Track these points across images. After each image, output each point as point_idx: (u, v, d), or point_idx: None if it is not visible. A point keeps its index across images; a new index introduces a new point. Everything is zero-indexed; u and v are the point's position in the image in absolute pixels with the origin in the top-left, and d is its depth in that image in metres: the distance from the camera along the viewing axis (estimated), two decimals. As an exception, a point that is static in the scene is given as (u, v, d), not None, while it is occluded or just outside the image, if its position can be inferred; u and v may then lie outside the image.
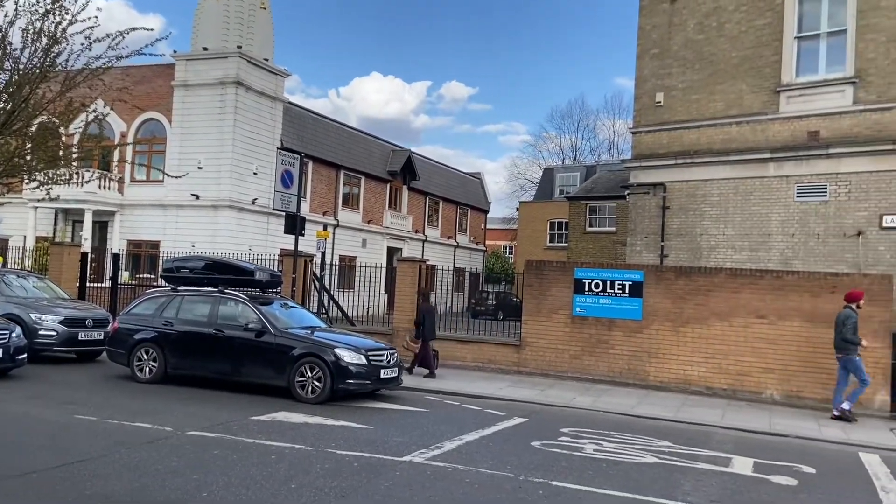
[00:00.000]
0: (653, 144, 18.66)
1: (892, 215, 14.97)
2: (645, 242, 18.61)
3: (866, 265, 15.01)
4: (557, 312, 14.80)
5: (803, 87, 16.40)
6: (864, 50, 15.56)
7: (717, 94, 17.61)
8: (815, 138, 16.11)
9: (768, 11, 16.88)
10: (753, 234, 16.84)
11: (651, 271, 14.34)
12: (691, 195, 17.85)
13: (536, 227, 42.11)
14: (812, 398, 12.47)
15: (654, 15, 18.72)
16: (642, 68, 18.90)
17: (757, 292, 13.13)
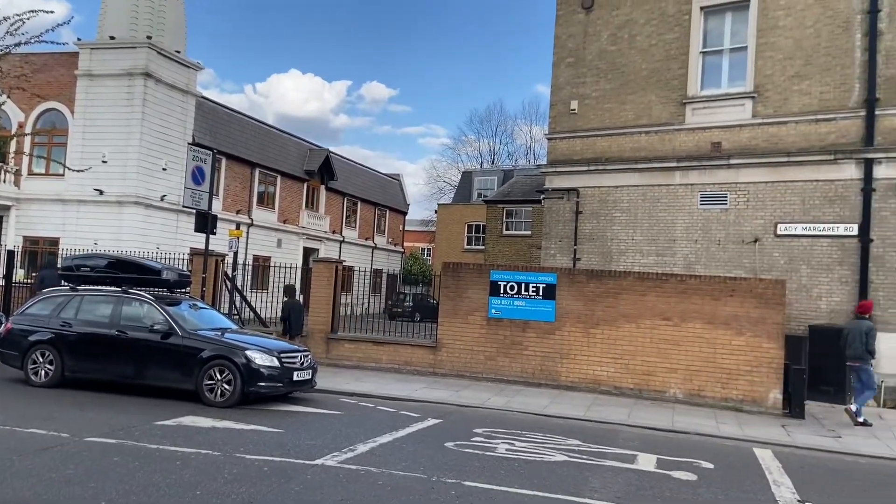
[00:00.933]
0: (567, 151, 19.15)
1: (785, 223, 15.93)
2: (559, 246, 19.08)
3: (762, 270, 15.91)
4: (473, 314, 14.94)
5: (707, 99, 17.24)
6: (762, 67, 16.51)
7: (628, 103, 18.26)
8: (718, 149, 16.96)
9: (676, 27, 17.66)
10: (660, 240, 17.55)
11: (564, 274, 14.70)
12: (603, 201, 18.42)
13: (454, 229, 42.43)
14: (712, 396, 13.11)
15: (569, 25, 19.23)
16: (558, 76, 19.37)
17: (662, 295, 13.68)
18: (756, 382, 12.83)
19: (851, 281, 15.00)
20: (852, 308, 14.89)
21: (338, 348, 15.97)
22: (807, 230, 15.65)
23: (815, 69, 15.87)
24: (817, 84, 15.83)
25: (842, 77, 15.55)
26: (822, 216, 15.52)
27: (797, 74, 16.07)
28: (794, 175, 15.93)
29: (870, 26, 15.17)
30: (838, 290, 15.19)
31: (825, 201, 15.53)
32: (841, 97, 15.55)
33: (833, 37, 15.69)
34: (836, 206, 15.39)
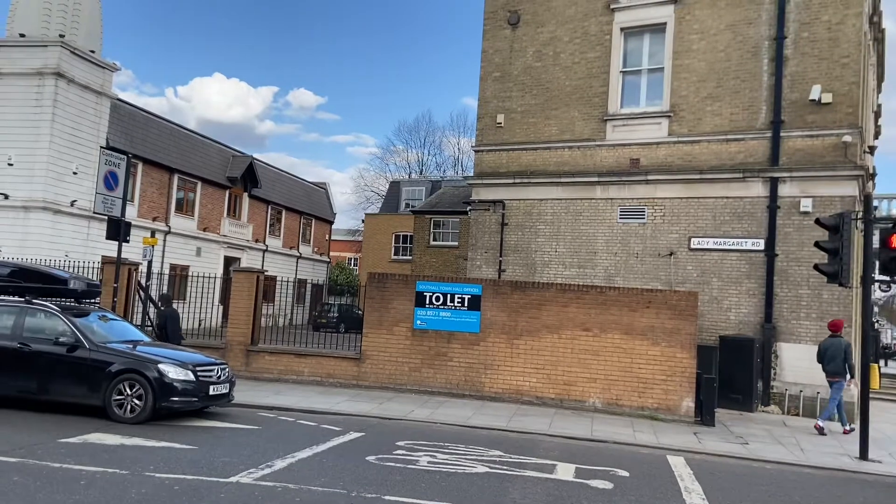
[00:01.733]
0: (493, 163, 19.40)
1: (698, 238, 16.61)
2: (485, 257, 19.26)
3: (677, 283, 16.53)
4: (399, 325, 14.87)
5: (627, 117, 17.83)
6: (678, 87, 17.21)
7: (552, 119, 18.68)
8: (636, 165, 17.54)
9: (598, 46, 18.21)
10: (582, 252, 17.98)
11: (489, 285, 14.83)
12: (528, 213, 18.74)
13: (381, 239, 42.22)
14: (629, 405, 13.47)
15: (496, 40, 19.54)
16: (485, 90, 19.63)
17: (583, 307, 13.99)
18: (670, 391, 13.27)
19: (758, 293, 15.76)
20: (760, 319, 15.66)
21: (258, 361, 15.57)
22: (718, 245, 16.36)
23: (726, 91, 16.66)
24: (728, 106, 16.63)
25: (750, 99, 16.39)
26: (732, 231, 16.26)
27: (710, 96, 16.83)
28: (706, 192, 16.65)
29: (776, 52, 16.06)
30: (746, 302, 15.93)
31: (734, 217, 16.28)
32: (749, 119, 16.38)
33: (743, 61, 16.52)
34: (744, 222, 16.16)
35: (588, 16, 18.36)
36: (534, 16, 19.04)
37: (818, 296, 15.12)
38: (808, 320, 15.28)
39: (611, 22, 18.09)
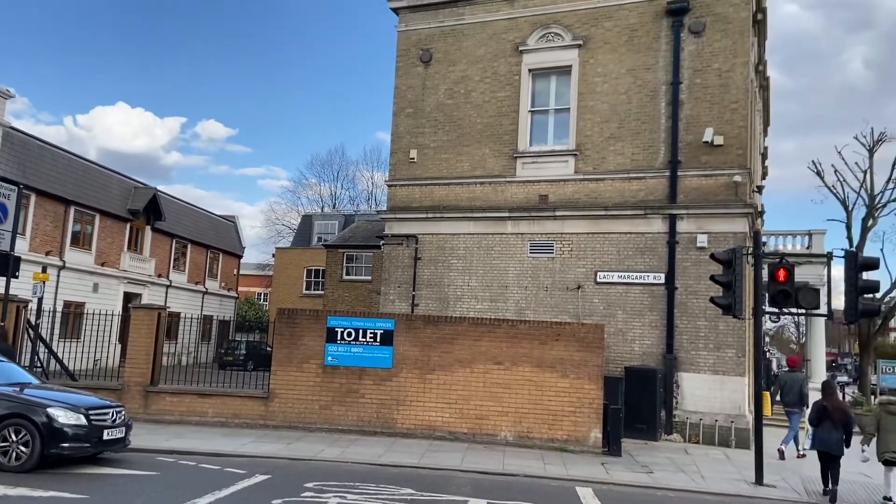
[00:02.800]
0: (407, 198, 19.48)
1: (604, 272, 17.18)
2: (398, 292, 19.19)
3: (584, 315, 16.98)
4: (309, 362, 14.52)
5: (535, 155, 18.37)
6: (583, 127, 17.92)
7: (464, 155, 19.00)
8: (545, 201, 18.04)
9: (507, 86, 18.76)
10: (494, 286, 18.22)
11: (402, 320, 14.75)
12: (441, 247, 18.86)
13: (292, 273, 41.37)
14: (539, 438, 13.61)
15: (409, 77, 19.80)
16: (398, 125, 19.79)
17: (495, 340, 14.12)
18: (579, 423, 13.52)
19: (660, 325, 16.40)
20: (662, 350, 16.27)
21: (158, 402, 14.78)
22: (622, 278, 16.97)
23: (627, 132, 17.47)
24: (629, 145, 17.43)
25: (650, 140, 17.24)
26: (635, 266, 16.92)
27: (613, 136, 17.61)
28: (611, 227, 17.29)
29: (672, 97, 17.02)
30: (649, 334, 16.53)
31: (637, 252, 16.96)
32: (649, 158, 17.21)
33: (642, 104, 17.41)
34: (646, 257, 16.85)
35: (498, 57, 18.92)
36: (446, 55, 19.44)
37: (715, 327, 15.89)
38: (706, 350, 16.00)
39: (520, 63, 18.71)
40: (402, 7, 19.96)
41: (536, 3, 18.62)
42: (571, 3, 18.22)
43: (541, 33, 18.49)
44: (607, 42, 17.84)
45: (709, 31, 16.87)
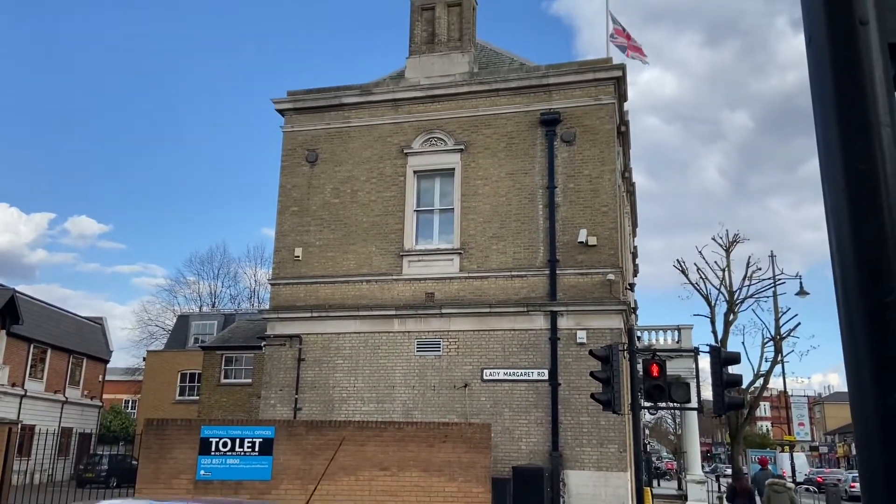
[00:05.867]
0: (290, 297, 19.02)
1: (490, 369, 17.27)
2: (280, 395, 18.35)
3: (472, 414, 16.85)
4: (178, 477, 13.39)
5: (421, 253, 18.61)
6: (466, 227, 18.43)
7: (350, 253, 18.95)
8: (431, 299, 18.15)
9: (393, 186, 19.13)
10: (380, 386, 17.82)
11: (282, 426, 14.03)
12: (326, 347, 18.38)
13: (165, 378, 38.75)
14: (429, 547, 13.06)
15: (294, 176, 19.80)
16: (283, 223, 19.56)
17: (381, 444, 13.67)
18: (469, 528, 13.13)
19: (545, 422, 16.53)
20: (548, 448, 16.32)
21: (-1, 531, 13.02)
22: (508, 375, 17.11)
23: (508, 232, 18.13)
24: (511, 245, 18.05)
25: (530, 240, 17.95)
26: (520, 362, 17.15)
27: (495, 235, 18.20)
28: (496, 324, 17.56)
29: (549, 199, 17.95)
30: (535, 431, 16.59)
31: (521, 349, 17.25)
32: (530, 257, 17.86)
33: (522, 206, 18.22)
34: (530, 353, 17.15)
35: (384, 158, 19.37)
36: (332, 155, 19.68)
37: (597, 422, 16.18)
38: (590, 446, 16.21)
39: (405, 165, 19.21)
40: (287, 109, 20.19)
41: (420, 109, 19.41)
42: (453, 110, 19.13)
43: (425, 137, 19.19)
44: (487, 147, 18.75)
45: (579, 141, 18.13)
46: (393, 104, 19.54)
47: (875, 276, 1.38)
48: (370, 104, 19.66)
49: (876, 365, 1.36)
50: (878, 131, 1.44)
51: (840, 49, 1.54)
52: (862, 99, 1.47)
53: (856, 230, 1.41)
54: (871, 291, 1.38)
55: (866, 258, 1.40)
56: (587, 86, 18.28)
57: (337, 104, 19.83)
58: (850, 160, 1.45)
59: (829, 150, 1.51)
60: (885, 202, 1.40)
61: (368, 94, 19.70)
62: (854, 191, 1.43)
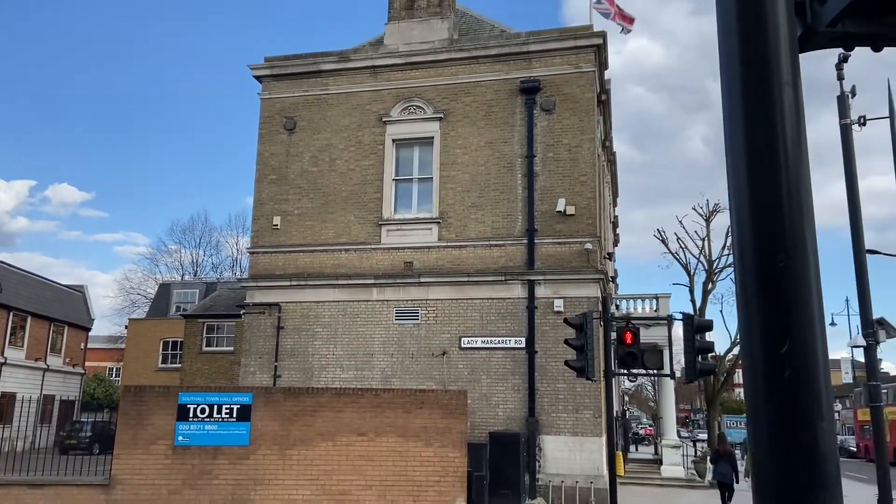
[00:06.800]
0: (269, 265, 19.00)
1: (468, 337, 17.43)
2: (259, 363, 18.44)
3: (449, 381, 17.05)
4: (157, 443, 13.45)
5: (400, 222, 18.61)
6: (445, 196, 18.42)
7: (329, 222, 18.91)
8: (410, 268, 18.22)
9: (372, 154, 19.04)
10: (359, 354, 17.95)
11: (260, 393, 14.11)
12: (305, 316, 18.43)
13: (147, 346, 38.70)
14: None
15: (272, 144, 19.63)
16: (261, 191, 19.44)
17: (358, 411, 13.79)
18: (444, 492, 13.34)
19: (522, 389, 16.77)
20: (524, 414, 16.58)
21: (-22, 497, 13.09)
22: (485, 343, 17.29)
23: (487, 202, 18.15)
24: (490, 214, 18.08)
25: (508, 209, 17.99)
26: (498, 330, 17.31)
27: (474, 205, 18.21)
28: (474, 293, 17.67)
29: (528, 169, 17.95)
30: (512, 398, 16.84)
31: (500, 317, 17.40)
32: (508, 227, 17.92)
33: (501, 175, 18.21)
34: (508, 321, 17.31)
35: (362, 126, 19.23)
36: (310, 123, 19.51)
37: (573, 389, 16.44)
38: (566, 412, 16.49)
39: (383, 133, 19.09)
40: (265, 75, 19.93)
41: (399, 77, 19.23)
42: (432, 78, 18.97)
43: (403, 105, 19.05)
44: (467, 116, 18.65)
45: (558, 110, 18.08)
46: (371, 71, 19.35)
47: (770, 241, 1.42)
48: (348, 71, 19.46)
49: (766, 323, 1.41)
50: (779, 90, 1.46)
51: (747, 6, 1.54)
52: (765, 56, 1.49)
53: (754, 193, 1.45)
54: (765, 255, 1.42)
55: (763, 222, 1.44)
56: (567, 53, 18.18)
57: (315, 71, 19.60)
58: (751, 118, 1.48)
59: (731, 108, 1.53)
60: (783, 165, 1.43)
61: (347, 60, 19.48)
62: (754, 152, 1.46)
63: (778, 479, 1.33)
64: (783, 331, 1.38)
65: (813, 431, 1.34)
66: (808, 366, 1.36)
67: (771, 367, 1.40)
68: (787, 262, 1.37)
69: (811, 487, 1.33)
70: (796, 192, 1.37)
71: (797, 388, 1.36)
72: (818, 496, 1.33)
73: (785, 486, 1.32)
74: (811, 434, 1.34)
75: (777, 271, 1.36)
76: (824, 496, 1.33)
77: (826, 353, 1.40)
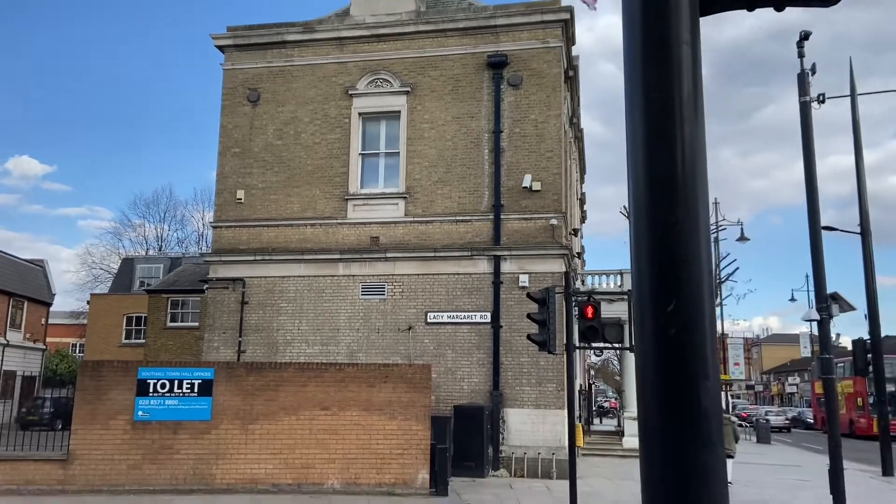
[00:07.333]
0: (233, 240, 18.77)
1: (434, 312, 17.47)
2: (223, 338, 18.29)
3: (415, 356, 17.10)
4: (116, 418, 13.32)
5: (366, 197, 18.48)
6: (412, 171, 18.32)
7: (294, 196, 18.69)
8: (376, 243, 18.14)
9: (338, 128, 18.80)
10: (325, 329, 17.89)
11: (222, 368, 14.02)
12: (270, 291, 18.28)
13: (111, 321, 38.06)
14: (367, 483, 13.37)
15: (235, 116, 19.27)
16: (224, 165, 19.12)
17: (322, 385, 13.79)
18: (407, 465, 13.46)
19: (487, 363, 16.90)
20: (489, 387, 16.73)
21: (-69, 474, 12.85)
22: (451, 318, 17.35)
23: (454, 177, 18.09)
24: (456, 190, 18.04)
25: (475, 185, 17.96)
26: (464, 305, 17.37)
27: (440, 180, 18.14)
28: (440, 268, 17.68)
29: (494, 144, 17.90)
30: (478, 372, 16.96)
31: (465, 292, 17.45)
32: (475, 202, 17.90)
33: (468, 150, 18.14)
34: (473, 297, 17.38)
35: (328, 99, 18.95)
36: (274, 95, 19.17)
37: (536, 363, 16.61)
38: (529, 386, 16.67)
39: (349, 107, 18.85)
40: (228, 45, 19.50)
41: (366, 49, 18.96)
42: (399, 50, 18.74)
43: (370, 78, 18.81)
44: (434, 90, 18.49)
45: (526, 85, 18.01)
46: (337, 43, 19.04)
47: (664, 197, 1.42)
48: (314, 42, 19.12)
49: (657, 276, 1.41)
50: (678, 49, 1.45)
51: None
52: (665, 16, 1.48)
53: (649, 149, 1.44)
54: (658, 209, 1.42)
55: (657, 177, 1.44)
56: (535, 28, 18.08)
57: (279, 42, 19.23)
58: (649, 75, 1.47)
59: (632, 66, 1.53)
60: (678, 122, 1.43)
61: (312, 31, 19.13)
62: (650, 109, 1.46)
63: (662, 434, 1.35)
64: (671, 289, 1.39)
65: (696, 389, 1.36)
66: (694, 325, 1.37)
67: (658, 324, 1.41)
68: (679, 221, 1.37)
69: (693, 442, 1.35)
70: (691, 150, 1.37)
71: (682, 347, 1.37)
72: (700, 451, 1.35)
73: (668, 441, 1.34)
74: (694, 391, 1.36)
75: (668, 228, 1.37)
76: (706, 451, 1.35)
77: (713, 313, 1.42)
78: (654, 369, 1.40)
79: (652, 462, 1.36)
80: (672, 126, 1.42)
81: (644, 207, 1.46)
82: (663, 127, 1.40)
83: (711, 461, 1.34)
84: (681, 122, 1.43)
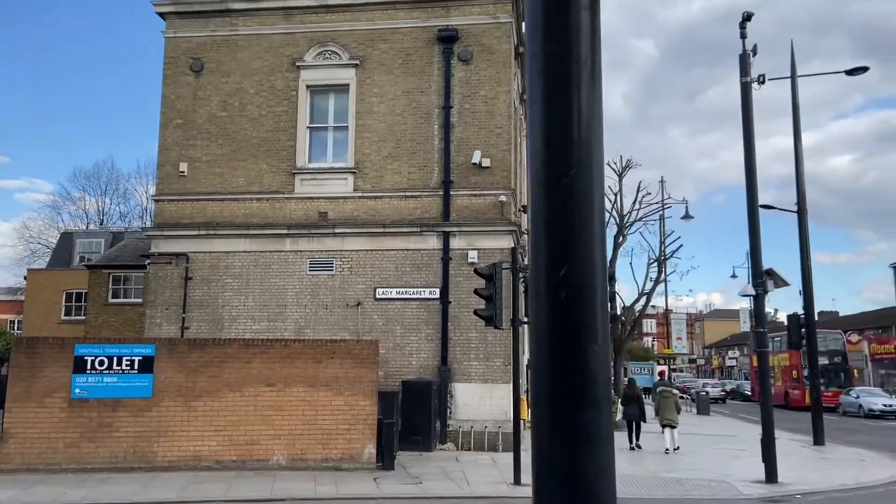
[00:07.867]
0: (176, 214, 18.30)
1: (383, 288, 17.41)
2: (166, 314, 17.90)
3: (364, 332, 17.05)
4: (52, 396, 12.94)
5: (314, 171, 18.20)
6: (361, 146, 18.10)
7: (239, 169, 18.28)
8: (325, 218, 17.91)
9: (284, 101, 18.41)
10: (272, 305, 17.66)
11: (164, 345, 13.74)
12: (214, 266, 17.92)
13: (49, 297, 36.81)
14: (313, 458, 13.34)
15: (178, 86, 18.67)
16: (166, 137, 18.56)
17: (267, 361, 13.65)
18: (353, 440, 13.48)
19: (436, 338, 16.96)
20: (437, 363, 16.82)
21: None
22: (400, 294, 17.32)
23: (404, 152, 17.95)
24: (406, 165, 17.91)
25: (425, 160, 17.87)
26: (413, 281, 17.36)
27: (390, 155, 17.98)
28: (389, 244, 17.59)
29: (444, 120, 17.80)
30: (426, 347, 17.02)
31: (414, 268, 17.42)
32: (425, 178, 17.82)
33: (417, 125, 18.00)
34: (422, 273, 17.37)
35: (274, 70, 18.51)
36: (218, 65, 18.63)
37: (484, 338, 16.74)
38: (477, 361, 16.82)
39: (297, 79, 18.45)
40: (169, 12, 18.81)
41: (314, 19, 18.54)
42: (348, 22, 18.40)
43: (318, 50, 18.43)
44: (383, 63, 18.24)
45: (476, 60, 17.91)
46: (284, 12, 18.57)
47: (557, 156, 1.41)
48: (259, 11, 18.60)
49: (551, 239, 1.41)
50: (577, 13, 1.44)
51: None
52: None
53: (546, 110, 1.43)
54: (551, 171, 1.41)
55: (552, 137, 1.43)
56: (485, 3, 17.96)
57: (223, 10, 18.64)
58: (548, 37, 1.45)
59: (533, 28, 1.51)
60: (574, 85, 1.42)
61: (258, 0, 18.59)
62: (548, 71, 1.44)
63: (551, 397, 1.36)
64: (563, 253, 1.39)
65: (585, 354, 1.37)
66: (584, 289, 1.38)
67: (550, 288, 1.41)
68: (572, 180, 1.37)
69: (580, 406, 1.36)
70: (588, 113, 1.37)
71: (572, 311, 1.38)
72: (586, 414, 1.36)
73: (557, 404, 1.35)
74: (583, 356, 1.37)
75: (562, 190, 1.37)
76: (592, 415, 1.36)
77: (605, 279, 1.43)
78: (546, 332, 1.41)
79: (540, 427, 1.37)
80: (569, 89, 1.41)
81: (540, 169, 1.45)
82: (562, 86, 1.40)
83: (597, 424, 1.35)
84: (578, 85, 1.42)
